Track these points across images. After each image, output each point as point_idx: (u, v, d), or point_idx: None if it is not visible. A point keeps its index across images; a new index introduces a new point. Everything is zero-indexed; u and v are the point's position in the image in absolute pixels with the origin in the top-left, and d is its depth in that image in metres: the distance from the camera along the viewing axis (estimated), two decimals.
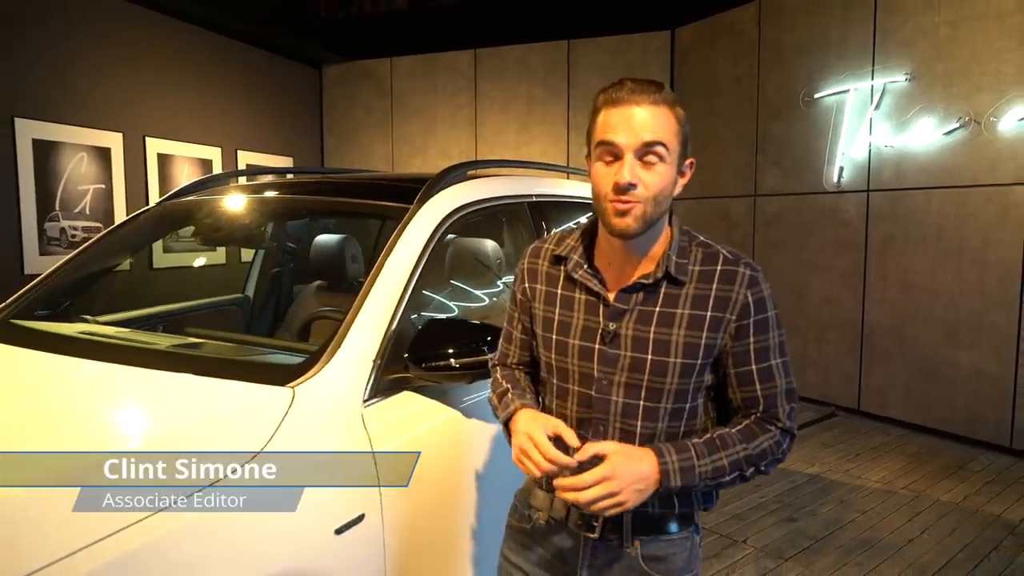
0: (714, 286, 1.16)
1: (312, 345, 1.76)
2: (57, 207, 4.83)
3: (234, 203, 2.31)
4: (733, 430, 1.17)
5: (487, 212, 2.10)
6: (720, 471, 1.13)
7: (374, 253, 4.04)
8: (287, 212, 2.72)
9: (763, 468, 1.17)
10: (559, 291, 1.25)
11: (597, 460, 1.09)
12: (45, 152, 4.73)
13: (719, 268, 1.18)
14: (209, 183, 2.58)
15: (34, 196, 4.67)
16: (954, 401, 4.43)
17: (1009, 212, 4.10)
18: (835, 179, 4.98)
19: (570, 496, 1.08)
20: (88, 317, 2.26)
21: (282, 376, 1.44)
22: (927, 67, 4.41)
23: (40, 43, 4.66)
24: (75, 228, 4.97)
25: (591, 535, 1.21)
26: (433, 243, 1.81)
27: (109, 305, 2.52)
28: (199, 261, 4.77)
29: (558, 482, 1.09)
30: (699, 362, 1.16)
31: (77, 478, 1.08)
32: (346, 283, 2.83)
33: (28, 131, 4.61)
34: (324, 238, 2.81)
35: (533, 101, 6.73)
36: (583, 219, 2.64)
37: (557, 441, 1.12)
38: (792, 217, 5.31)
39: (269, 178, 4.45)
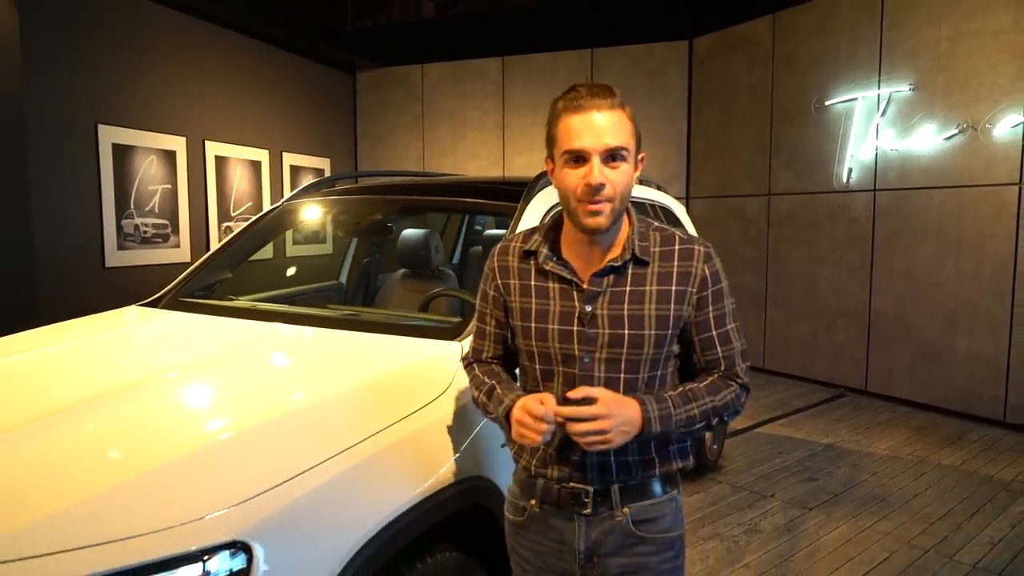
0: (675, 263, 1.29)
1: (450, 316, 2.20)
2: (132, 206, 5.26)
3: (360, 203, 2.75)
4: (700, 385, 1.30)
5: None
6: (692, 419, 1.25)
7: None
8: (406, 209, 3.15)
9: (725, 418, 1.32)
10: (532, 283, 1.34)
11: (589, 401, 1.18)
12: (121, 155, 5.16)
13: (677, 247, 1.31)
14: (321, 184, 3.02)
15: (113, 196, 5.10)
16: (953, 381, 4.89)
17: (1003, 209, 4.56)
18: (844, 179, 5.43)
19: (567, 417, 1.17)
20: (233, 296, 2.71)
21: (449, 334, 1.88)
22: (929, 78, 4.87)
23: (117, 55, 5.10)
24: (146, 225, 5.41)
25: (584, 511, 1.30)
26: None
27: (239, 288, 2.95)
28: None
29: (558, 409, 1.19)
30: (669, 332, 1.28)
31: (343, 399, 1.52)
32: (429, 271, 3.26)
33: (109, 136, 5.05)
34: (410, 232, 3.24)
35: None
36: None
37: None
38: (804, 215, 5.77)
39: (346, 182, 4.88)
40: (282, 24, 6.36)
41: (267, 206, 6.63)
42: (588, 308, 1.27)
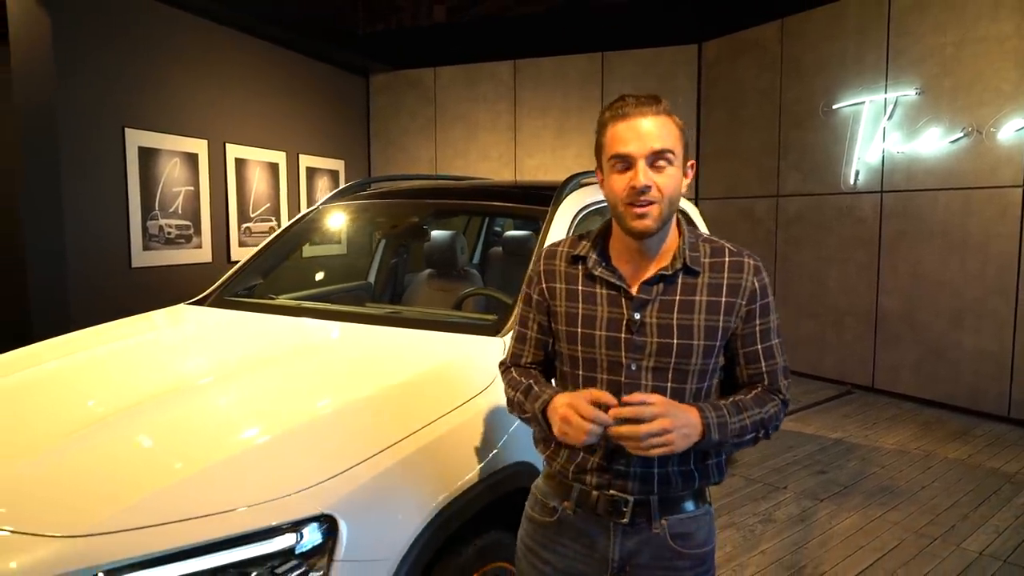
0: (725, 275, 1.29)
1: (486, 314, 2.33)
2: (156, 207, 5.40)
3: (395, 206, 2.89)
4: (747, 397, 1.30)
5: (599, 212, 2.68)
6: (744, 430, 1.26)
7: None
8: (438, 213, 3.28)
9: (769, 431, 1.32)
10: (579, 288, 1.34)
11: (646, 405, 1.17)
12: (147, 158, 5.30)
13: (727, 259, 1.31)
14: (353, 188, 3.15)
15: (139, 198, 5.24)
16: (959, 378, 5.01)
17: (1007, 210, 4.69)
18: (852, 181, 5.56)
19: (625, 430, 1.15)
20: (273, 295, 2.84)
21: (491, 330, 2.01)
22: (935, 83, 5.00)
23: (142, 60, 5.24)
24: (170, 226, 5.54)
25: (621, 520, 1.28)
26: (569, 234, 2.39)
27: (270, 288, 3.08)
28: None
29: (618, 409, 1.16)
30: (717, 343, 1.29)
31: (407, 388, 1.66)
32: (455, 271, 3.39)
33: (135, 139, 5.19)
34: (437, 233, 3.37)
35: (569, 108, 7.29)
36: None
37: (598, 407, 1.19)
38: (812, 216, 5.90)
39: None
40: (297, 29, 6.49)
41: (284, 207, 6.78)
42: (637, 316, 1.27)
